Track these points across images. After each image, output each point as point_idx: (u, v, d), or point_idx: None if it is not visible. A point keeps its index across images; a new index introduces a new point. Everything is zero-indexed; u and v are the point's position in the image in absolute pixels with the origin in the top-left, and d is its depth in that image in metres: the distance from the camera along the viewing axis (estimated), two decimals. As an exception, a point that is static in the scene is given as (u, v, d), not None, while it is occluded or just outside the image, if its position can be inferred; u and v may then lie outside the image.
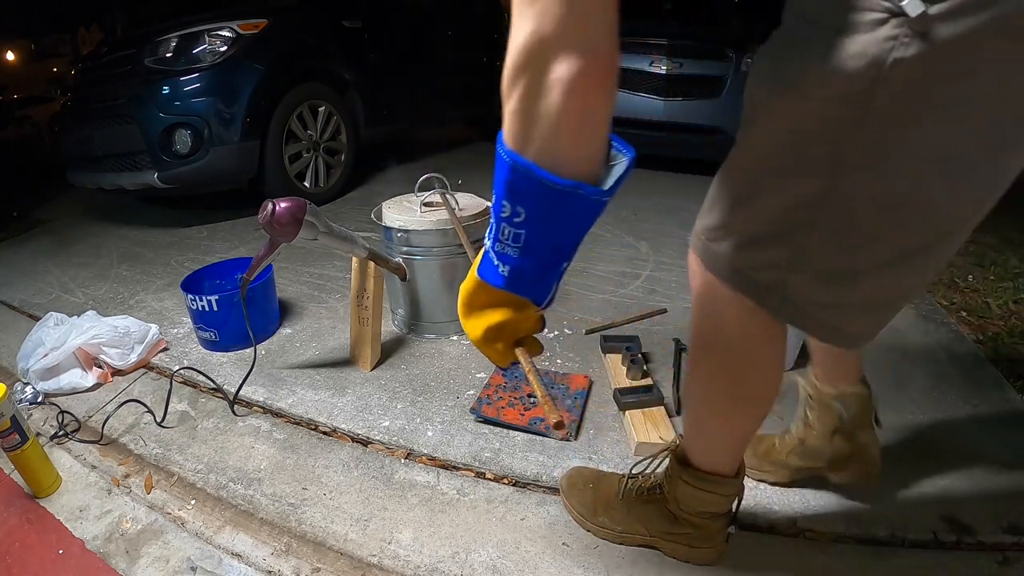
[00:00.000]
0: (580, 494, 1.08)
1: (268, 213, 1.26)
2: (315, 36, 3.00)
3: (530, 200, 0.51)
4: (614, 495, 1.04)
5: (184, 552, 1.05)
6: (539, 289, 0.58)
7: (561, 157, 0.49)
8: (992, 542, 1.08)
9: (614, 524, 1.02)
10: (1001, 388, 1.55)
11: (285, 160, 2.79)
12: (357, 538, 1.07)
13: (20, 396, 1.45)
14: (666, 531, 0.98)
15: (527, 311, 0.60)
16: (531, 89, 0.46)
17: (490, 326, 0.61)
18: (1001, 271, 2.43)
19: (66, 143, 2.88)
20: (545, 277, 0.57)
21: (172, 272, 2.18)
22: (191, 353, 1.64)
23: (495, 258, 0.56)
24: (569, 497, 1.09)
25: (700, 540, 0.96)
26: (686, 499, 0.92)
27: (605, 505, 1.04)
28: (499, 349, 0.63)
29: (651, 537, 1.00)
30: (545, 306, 0.61)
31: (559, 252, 0.56)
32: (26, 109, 9.70)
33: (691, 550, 0.98)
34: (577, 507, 1.07)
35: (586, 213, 0.52)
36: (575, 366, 1.58)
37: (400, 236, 1.60)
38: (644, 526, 1.00)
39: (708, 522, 0.94)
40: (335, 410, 1.39)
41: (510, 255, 0.55)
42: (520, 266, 0.55)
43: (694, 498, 0.91)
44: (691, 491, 0.90)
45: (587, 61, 0.45)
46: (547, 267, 0.57)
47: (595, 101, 0.47)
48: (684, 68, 3.52)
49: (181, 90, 2.47)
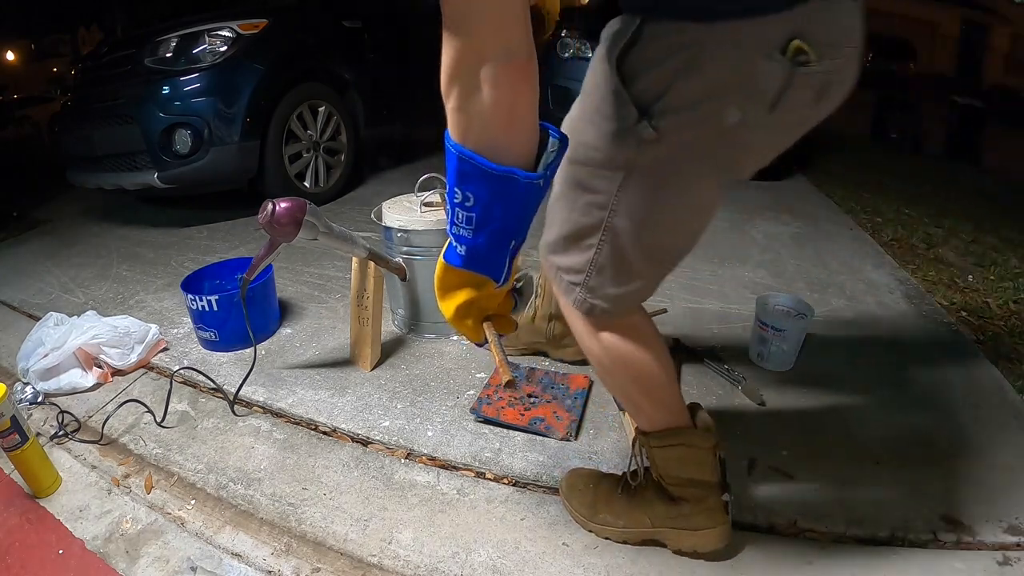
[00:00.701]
0: (580, 495, 1.08)
1: (268, 213, 1.26)
2: (315, 36, 3.00)
3: (476, 185, 0.59)
4: (614, 493, 1.05)
5: (184, 552, 1.05)
6: (493, 266, 0.66)
7: (498, 146, 0.57)
8: (992, 542, 1.08)
9: (616, 519, 1.02)
10: (1001, 388, 1.55)
11: (285, 160, 2.79)
12: (357, 538, 1.07)
13: (20, 396, 1.45)
14: (667, 516, 0.98)
15: (487, 288, 0.68)
16: (465, 90, 0.55)
17: (459, 305, 0.69)
18: (1001, 271, 2.43)
19: (66, 143, 2.88)
20: (497, 254, 0.65)
21: (172, 272, 2.18)
22: (191, 353, 1.64)
23: (453, 240, 0.65)
24: (570, 499, 1.09)
25: (701, 518, 0.95)
26: (667, 465, 0.95)
27: (606, 501, 1.05)
28: (469, 325, 0.72)
29: (654, 528, 1.00)
30: (503, 283, 0.68)
31: (507, 231, 0.64)
32: (26, 109, 9.69)
33: (695, 535, 0.96)
34: (578, 508, 1.07)
35: (524, 195, 0.60)
36: (575, 366, 1.58)
37: (400, 236, 1.60)
38: (646, 516, 1.00)
39: (702, 492, 0.95)
40: (335, 410, 1.39)
41: (465, 236, 0.63)
42: (474, 245, 0.63)
43: (671, 459, 0.94)
44: (663, 452, 0.94)
45: (509, 64, 0.54)
46: (497, 245, 0.64)
47: (519, 93, 0.56)
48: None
49: (181, 90, 2.46)
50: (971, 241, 2.72)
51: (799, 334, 1.53)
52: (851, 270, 2.33)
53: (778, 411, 1.41)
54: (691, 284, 2.12)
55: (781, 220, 2.96)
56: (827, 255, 2.49)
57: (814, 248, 2.56)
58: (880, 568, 1.02)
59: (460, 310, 0.69)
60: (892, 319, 1.91)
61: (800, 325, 1.52)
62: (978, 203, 3.91)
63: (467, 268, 0.65)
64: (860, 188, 3.68)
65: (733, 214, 3.01)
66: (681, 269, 2.23)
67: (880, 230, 2.86)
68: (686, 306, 1.95)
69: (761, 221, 2.92)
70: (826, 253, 2.51)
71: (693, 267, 2.28)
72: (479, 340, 0.73)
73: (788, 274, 2.26)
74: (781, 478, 1.20)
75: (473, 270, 0.66)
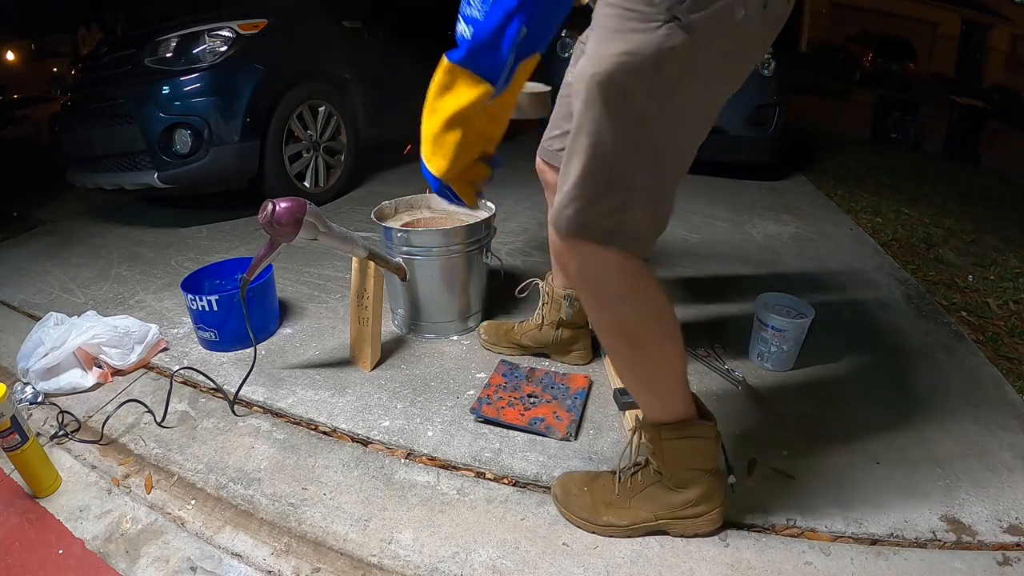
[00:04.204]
0: (578, 499, 1.08)
1: (268, 213, 1.26)
2: (315, 36, 3.00)
3: None
4: (611, 492, 1.05)
5: (184, 552, 1.05)
6: (494, 63, 0.70)
7: None
8: (992, 542, 1.08)
9: (619, 520, 1.03)
10: (1001, 388, 1.55)
11: (285, 160, 2.78)
12: (357, 538, 1.07)
13: (20, 396, 1.45)
14: (670, 508, 1.01)
15: (481, 97, 0.72)
16: None
17: (449, 115, 0.73)
18: (1001, 271, 2.43)
19: (66, 143, 2.87)
20: (499, 45, 0.69)
21: (172, 272, 2.18)
22: (191, 353, 1.64)
23: (462, 23, 0.70)
24: (567, 506, 1.08)
25: (703, 505, 1.00)
26: (677, 457, 0.98)
27: (606, 504, 1.05)
28: (450, 142, 0.75)
29: (657, 521, 1.02)
30: (499, 89, 0.71)
31: (521, 12, 0.69)
32: (26, 109, 9.67)
33: (698, 521, 1.01)
34: (579, 513, 1.07)
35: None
36: (575, 366, 1.58)
37: (400, 236, 1.60)
38: (648, 511, 1.02)
39: (703, 479, 0.99)
40: (335, 410, 1.39)
41: (475, 17, 0.68)
42: (483, 28, 0.68)
43: (684, 452, 0.97)
44: (675, 445, 0.96)
45: None
46: (502, 32, 0.69)
47: None
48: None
49: (181, 90, 2.46)
50: (971, 241, 2.73)
51: (799, 334, 1.53)
52: (851, 270, 2.33)
53: (778, 411, 1.41)
54: (691, 284, 2.12)
55: (781, 220, 2.96)
56: (827, 255, 2.49)
57: (814, 248, 2.56)
58: (880, 568, 1.02)
59: (448, 122, 0.73)
60: (892, 319, 1.91)
61: (800, 325, 1.52)
62: (978, 203, 3.91)
63: (466, 64, 0.70)
64: (860, 188, 3.68)
65: (733, 214, 3.01)
66: (681, 269, 2.24)
67: (880, 230, 2.86)
68: (686, 306, 1.95)
69: (761, 221, 2.92)
70: (826, 253, 2.51)
71: (693, 267, 2.28)
72: (456, 168, 0.76)
73: (788, 274, 2.26)
74: (781, 478, 1.20)
75: (472, 68, 0.70)
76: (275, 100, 2.68)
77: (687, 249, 2.48)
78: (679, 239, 2.60)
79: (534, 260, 2.30)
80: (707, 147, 0.89)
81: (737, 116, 3.48)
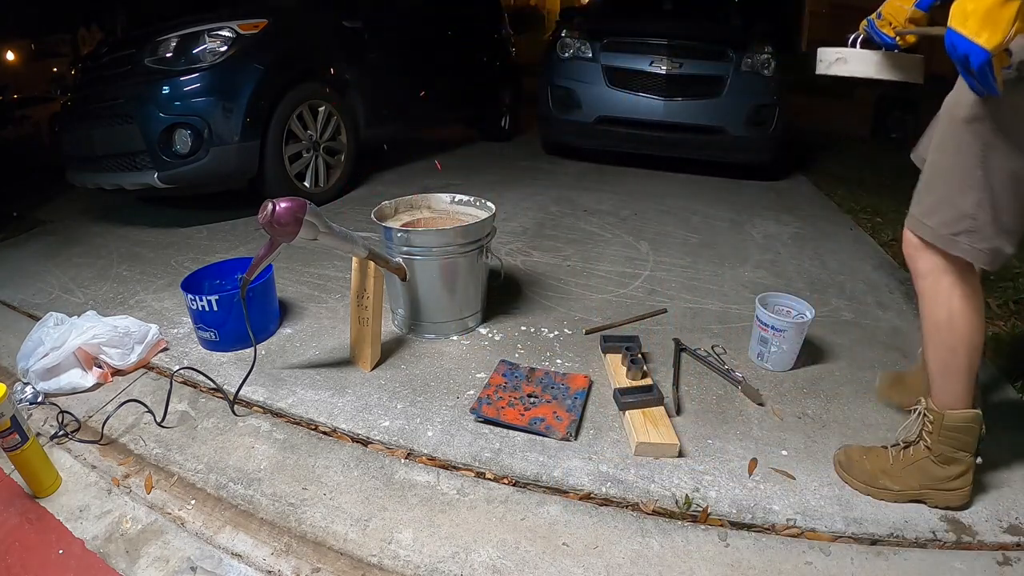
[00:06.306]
0: (859, 465, 1.21)
1: (268, 213, 1.26)
2: (315, 36, 3.00)
3: None
4: (887, 462, 1.18)
5: (184, 552, 1.05)
6: None
7: None
8: (992, 542, 1.08)
9: (893, 485, 1.16)
10: (1001, 388, 1.55)
11: (285, 160, 2.78)
12: (357, 538, 1.07)
13: (20, 396, 1.45)
14: (934, 480, 1.14)
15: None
16: None
17: None
18: (1001, 271, 2.43)
19: (66, 143, 2.87)
20: None
21: (172, 272, 2.18)
22: (191, 353, 1.64)
23: None
24: (849, 470, 1.21)
25: (959, 480, 1.13)
26: (952, 440, 1.10)
27: (883, 472, 1.17)
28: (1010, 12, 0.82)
29: (920, 490, 1.15)
30: None
31: None
32: (26, 109, 9.67)
33: (953, 493, 1.13)
34: (859, 477, 1.19)
35: None
36: (575, 366, 1.58)
37: (400, 236, 1.60)
38: (916, 481, 1.15)
39: (965, 456, 1.11)
40: (335, 410, 1.39)
41: None
42: None
43: (960, 437, 1.10)
44: (952, 428, 1.09)
45: None
46: None
47: None
48: (684, 68, 3.52)
49: (181, 90, 2.46)
50: (971, 241, 2.72)
51: (799, 334, 1.53)
52: (851, 270, 2.33)
53: (778, 411, 1.42)
54: (691, 284, 2.12)
55: (781, 220, 2.96)
56: (827, 255, 2.49)
57: (814, 248, 2.56)
58: (880, 568, 1.03)
59: None
60: (892, 319, 1.91)
61: (800, 325, 1.52)
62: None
63: None
64: (860, 188, 3.68)
65: (733, 214, 3.02)
66: (681, 269, 2.24)
67: (880, 230, 2.86)
68: (686, 306, 1.95)
69: (761, 221, 2.92)
70: (826, 253, 2.51)
71: (693, 267, 2.28)
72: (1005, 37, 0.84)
73: (788, 274, 2.26)
74: (781, 478, 1.20)
75: None
76: (275, 100, 2.68)
77: (687, 249, 2.48)
78: (679, 239, 2.60)
79: (534, 260, 2.30)
80: (707, 147, 0.89)
81: (737, 116, 3.49)
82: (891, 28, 1.27)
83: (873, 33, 1.33)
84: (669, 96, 3.54)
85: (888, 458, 1.18)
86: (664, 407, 1.35)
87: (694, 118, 3.54)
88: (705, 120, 3.53)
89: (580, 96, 3.68)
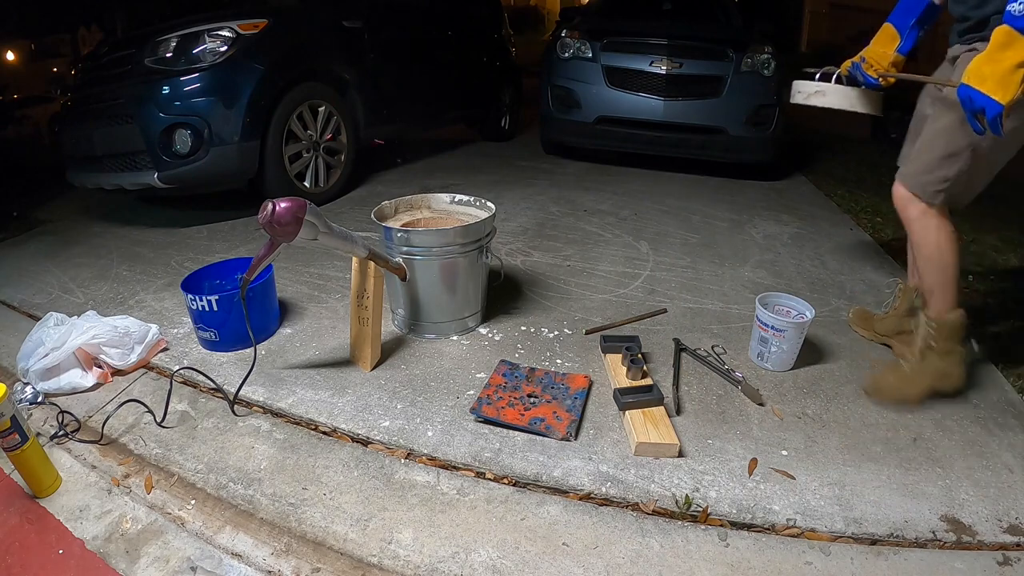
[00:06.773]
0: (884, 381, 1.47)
1: (268, 213, 1.26)
2: (315, 36, 3.00)
3: None
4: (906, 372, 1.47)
5: (184, 552, 1.05)
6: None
7: None
8: (992, 542, 1.08)
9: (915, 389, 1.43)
10: (1001, 388, 1.55)
11: (285, 160, 2.78)
12: (357, 538, 1.07)
13: (20, 396, 1.45)
14: (940, 372, 1.41)
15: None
16: None
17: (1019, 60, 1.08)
18: (1001, 271, 2.43)
19: (66, 143, 2.87)
20: None
21: (172, 272, 2.18)
22: (191, 353, 1.64)
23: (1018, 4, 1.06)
24: (879, 393, 1.46)
25: (956, 369, 1.43)
26: (949, 333, 1.41)
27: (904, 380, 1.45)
28: (1018, 77, 1.09)
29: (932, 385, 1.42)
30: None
31: None
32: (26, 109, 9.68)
33: (953, 380, 1.42)
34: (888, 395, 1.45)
35: None
36: (575, 366, 1.58)
37: (400, 236, 1.60)
38: (930, 378, 1.41)
39: (957, 347, 1.43)
40: (335, 410, 1.39)
41: None
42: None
43: (952, 328, 1.41)
44: (951, 322, 1.41)
45: None
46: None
47: None
48: (684, 68, 3.52)
49: (181, 90, 2.46)
50: (971, 241, 2.72)
51: (799, 334, 1.53)
52: (851, 270, 2.33)
53: (778, 411, 1.41)
54: (691, 284, 2.12)
55: (781, 220, 2.96)
56: (827, 255, 2.49)
57: (814, 248, 2.56)
58: (880, 568, 1.03)
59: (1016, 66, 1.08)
60: (892, 319, 1.91)
61: (800, 325, 1.52)
62: (977, 203, 3.90)
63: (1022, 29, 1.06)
64: (860, 188, 3.68)
65: (733, 214, 3.02)
66: (681, 269, 2.24)
67: (880, 230, 2.86)
68: (686, 306, 1.95)
69: (761, 221, 2.92)
70: (826, 253, 2.51)
71: (693, 267, 2.28)
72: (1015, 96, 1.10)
73: (788, 274, 2.26)
74: (781, 478, 1.20)
75: None
76: (275, 100, 2.68)
77: (687, 249, 2.48)
78: (679, 239, 2.60)
79: (534, 260, 2.30)
80: (707, 147, 0.89)
81: (737, 116, 3.49)
82: (874, 71, 1.62)
83: (859, 74, 1.64)
84: (669, 96, 3.54)
85: (906, 371, 1.46)
86: (664, 407, 1.35)
87: (694, 118, 3.54)
88: (705, 120, 3.53)
89: (580, 96, 3.68)
